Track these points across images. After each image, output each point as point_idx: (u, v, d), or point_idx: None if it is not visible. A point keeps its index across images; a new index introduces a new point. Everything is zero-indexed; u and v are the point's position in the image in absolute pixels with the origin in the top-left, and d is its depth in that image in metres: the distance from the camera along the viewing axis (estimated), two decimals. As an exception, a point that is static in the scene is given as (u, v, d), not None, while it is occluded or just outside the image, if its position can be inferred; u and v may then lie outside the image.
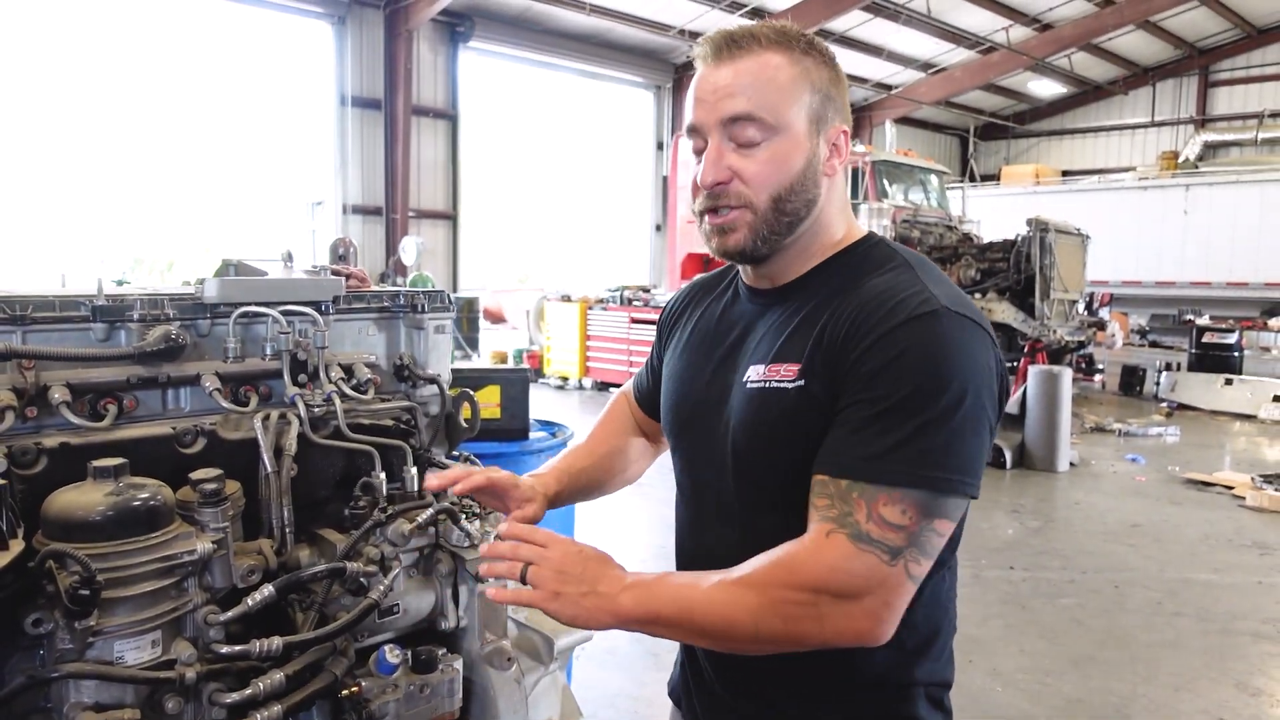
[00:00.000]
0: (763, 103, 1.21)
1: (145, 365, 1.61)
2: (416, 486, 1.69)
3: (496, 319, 17.23)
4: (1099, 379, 14.16)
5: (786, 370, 1.23)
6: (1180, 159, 22.59)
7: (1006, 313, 10.63)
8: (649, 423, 1.68)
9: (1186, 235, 18.09)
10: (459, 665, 1.68)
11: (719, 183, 1.23)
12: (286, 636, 1.44)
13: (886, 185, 12.22)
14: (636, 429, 1.70)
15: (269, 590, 1.44)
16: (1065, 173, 24.96)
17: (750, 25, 1.25)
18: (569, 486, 1.57)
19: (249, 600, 1.42)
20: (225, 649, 1.39)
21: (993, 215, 15.62)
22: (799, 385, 1.21)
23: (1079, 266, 11.84)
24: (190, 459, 1.59)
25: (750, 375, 1.28)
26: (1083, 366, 13.52)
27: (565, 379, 13.57)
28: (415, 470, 1.71)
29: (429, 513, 1.64)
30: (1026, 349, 10.71)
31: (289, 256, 2.13)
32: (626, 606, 1.13)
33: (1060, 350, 11.30)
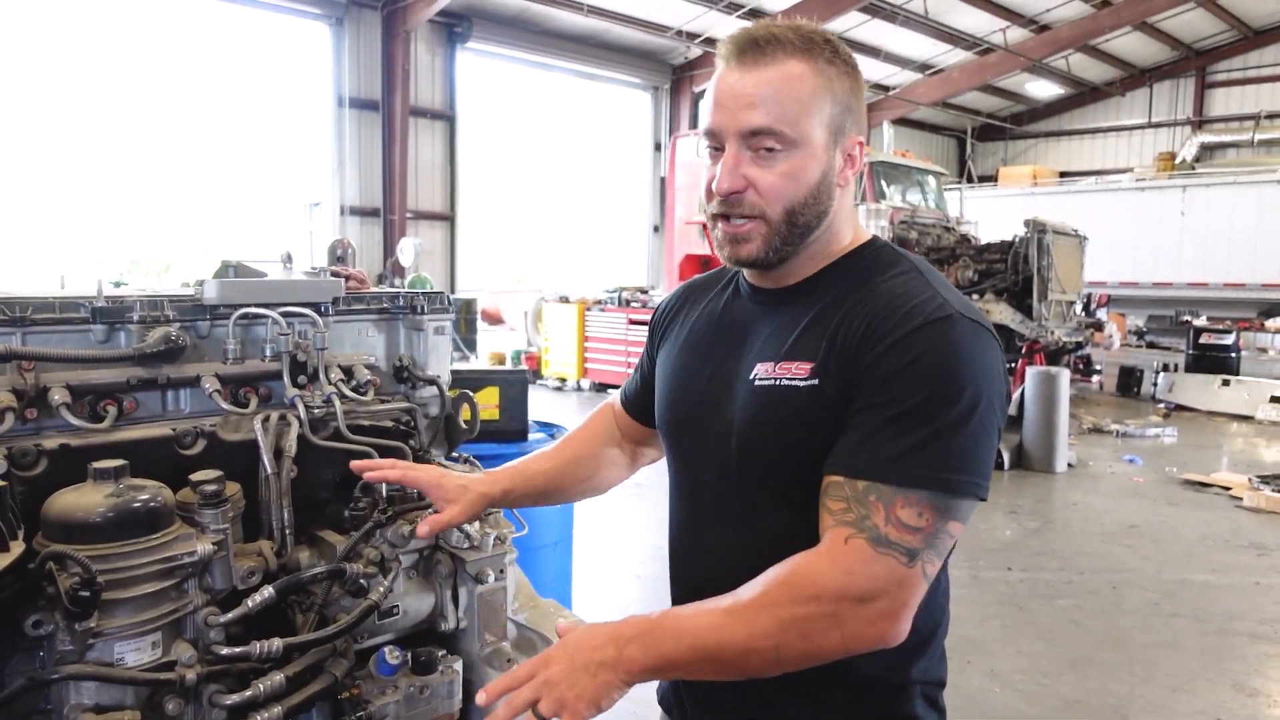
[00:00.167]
0: (783, 116, 1.19)
1: (145, 367, 1.62)
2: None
3: (494, 320, 17.25)
4: (1096, 380, 14.18)
5: (798, 369, 1.23)
6: (1177, 160, 22.61)
7: (1004, 314, 10.63)
8: (635, 430, 1.65)
9: (1183, 236, 18.09)
10: (459, 667, 1.69)
11: (734, 192, 1.22)
12: (287, 638, 1.44)
13: (884, 186, 12.22)
14: (615, 439, 1.68)
15: (269, 592, 1.44)
16: (1063, 174, 24.95)
17: (775, 27, 1.22)
18: (522, 487, 1.55)
19: (249, 602, 1.43)
20: (225, 650, 1.39)
21: (990, 216, 15.58)
22: (812, 384, 1.21)
23: (1076, 267, 11.85)
24: (190, 460, 1.59)
25: (758, 373, 1.27)
26: (1080, 367, 13.54)
27: (563, 380, 13.57)
28: None
29: (428, 514, 1.64)
30: (1024, 350, 10.72)
31: (288, 258, 2.12)
32: (636, 658, 1.09)
33: (1058, 351, 11.31)
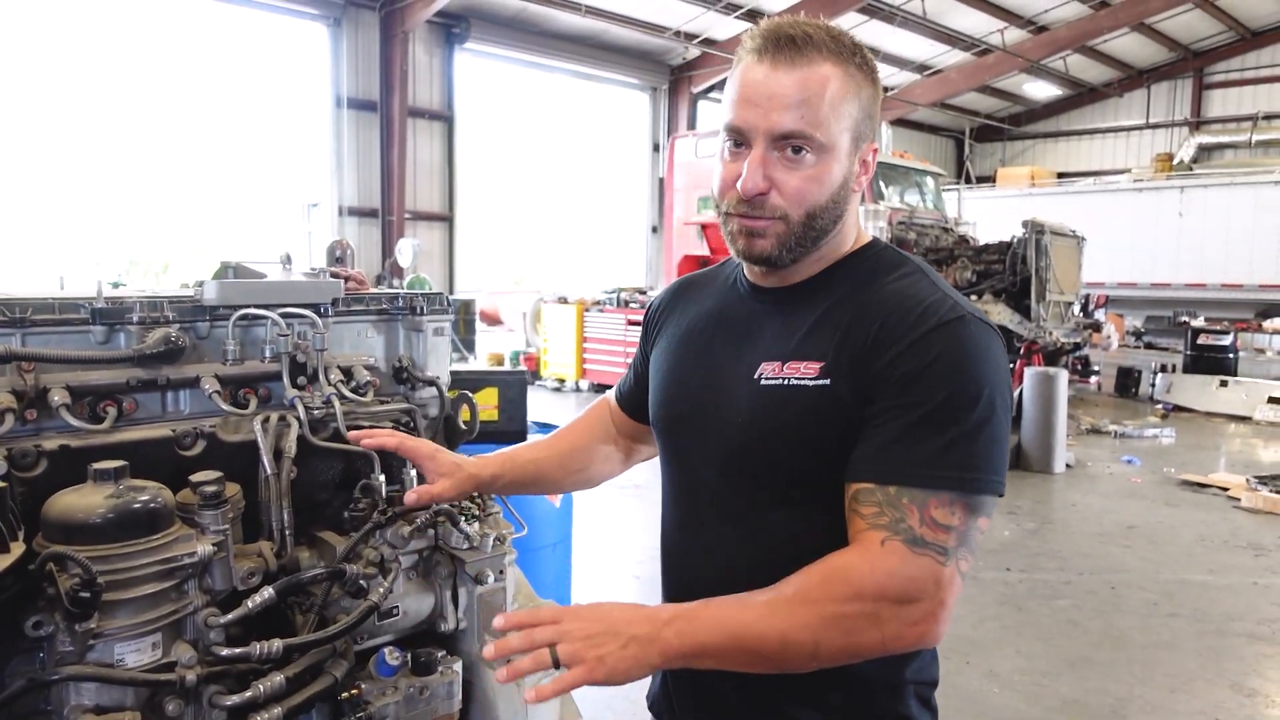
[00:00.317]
0: (814, 120, 1.19)
1: (145, 368, 1.61)
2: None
3: (493, 321, 17.25)
4: (1095, 380, 14.20)
5: (806, 368, 1.23)
6: (1175, 161, 22.65)
7: (1002, 314, 10.63)
8: (630, 426, 1.66)
9: (1181, 237, 18.12)
10: (458, 667, 1.69)
11: (760, 194, 1.22)
12: (286, 639, 1.44)
13: (882, 187, 12.22)
14: (609, 435, 1.68)
15: (269, 592, 1.44)
16: (1060, 175, 24.99)
17: (807, 25, 1.21)
18: (511, 473, 1.56)
19: (249, 602, 1.42)
20: (225, 651, 1.39)
21: (988, 217, 15.59)
22: (822, 384, 1.21)
23: (1074, 268, 11.86)
24: (190, 461, 1.59)
25: (764, 372, 1.27)
26: (1078, 368, 13.54)
27: (562, 381, 13.58)
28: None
29: (428, 515, 1.64)
30: (1022, 351, 10.73)
31: (287, 259, 2.12)
32: (672, 642, 1.08)
33: (1056, 352, 11.32)
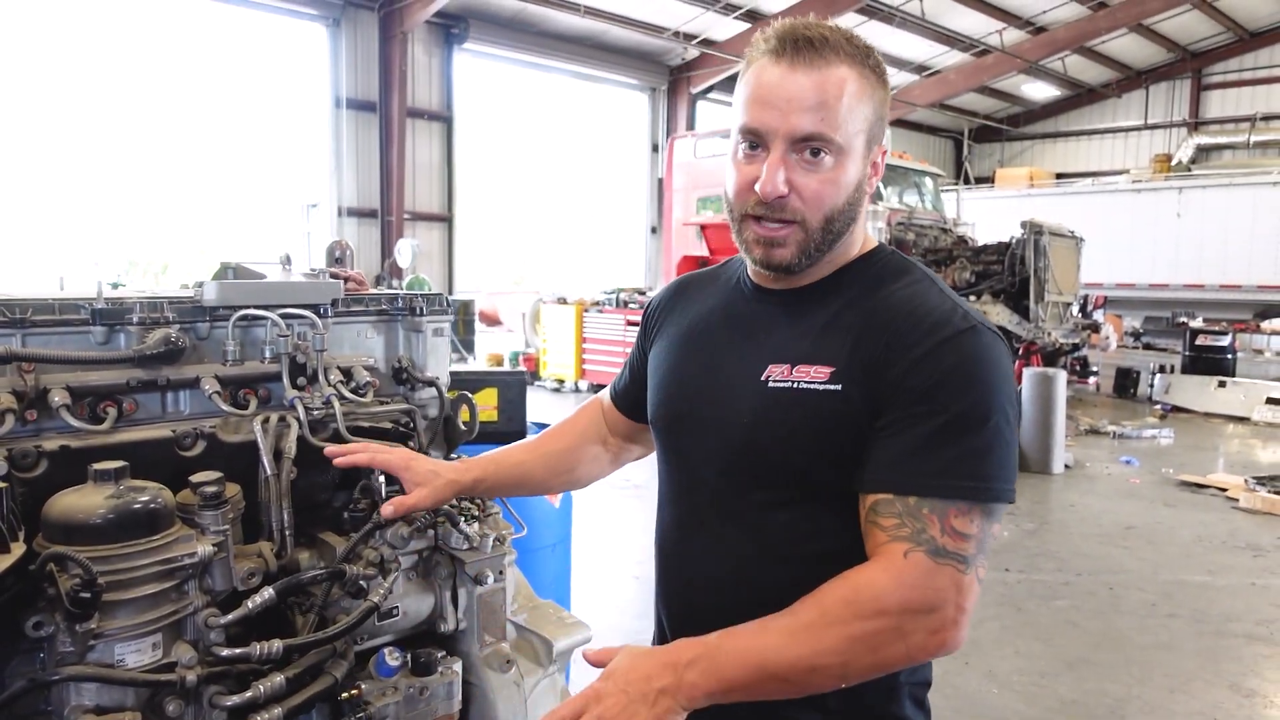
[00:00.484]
0: (833, 122, 1.19)
1: (145, 368, 1.61)
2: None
3: (492, 322, 17.22)
4: (1093, 381, 14.21)
5: (816, 372, 1.23)
6: (1173, 162, 22.67)
7: (1001, 315, 10.65)
8: (625, 426, 1.65)
9: (1180, 238, 18.13)
10: (458, 668, 1.69)
11: (780, 196, 1.21)
12: (287, 639, 1.44)
13: (881, 188, 12.24)
14: (600, 435, 1.68)
15: (269, 593, 1.44)
16: (1059, 175, 25.00)
17: (823, 28, 1.22)
18: (495, 476, 1.57)
19: (249, 603, 1.42)
20: (225, 651, 1.39)
21: (987, 218, 15.59)
22: (833, 389, 1.21)
23: (1073, 269, 11.88)
24: (190, 462, 1.59)
25: (772, 374, 1.26)
26: (1077, 369, 13.56)
27: (561, 381, 13.58)
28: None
29: (427, 516, 1.64)
30: (1021, 351, 10.74)
31: (287, 259, 2.12)
32: (699, 684, 1.08)
33: (1055, 353, 11.35)
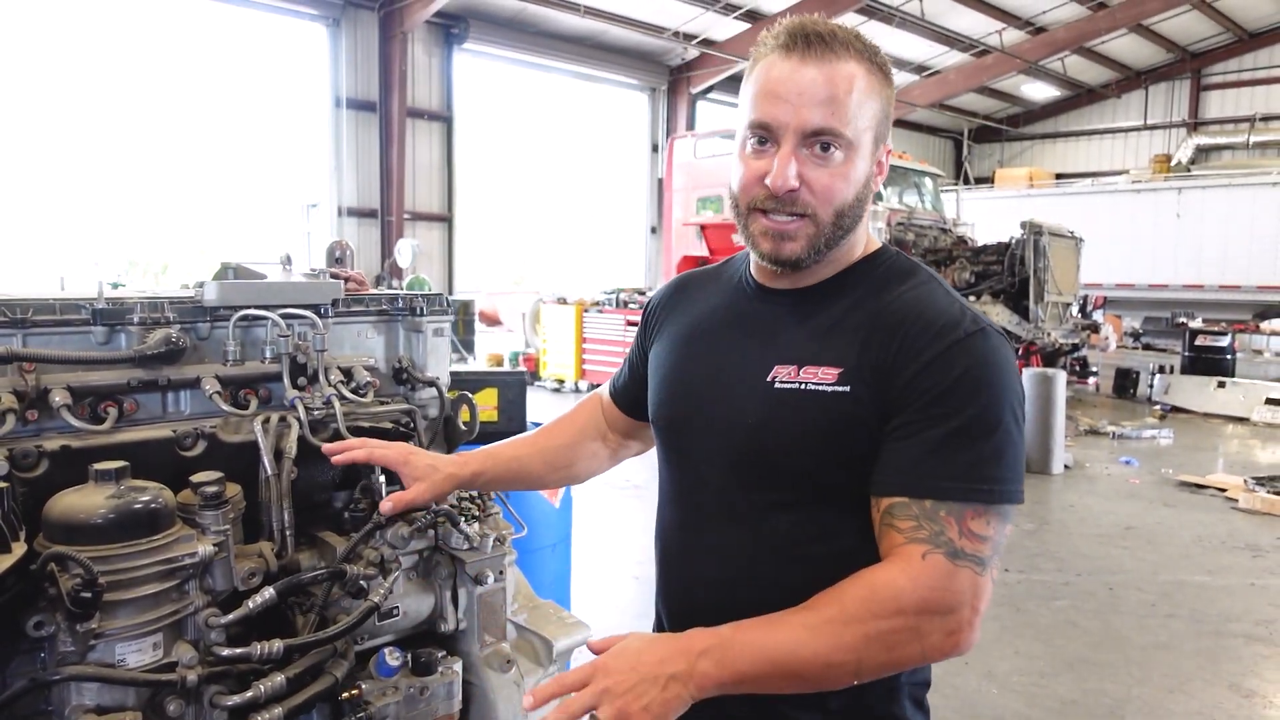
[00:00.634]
0: (843, 117, 1.19)
1: (145, 368, 1.62)
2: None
3: (492, 322, 17.23)
4: (1093, 382, 14.21)
5: (824, 374, 1.23)
6: (1173, 162, 22.67)
7: (1001, 316, 10.66)
8: (623, 422, 1.65)
9: (1179, 238, 18.12)
10: (458, 668, 1.69)
11: (791, 190, 1.21)
12: (287, 639, 1.45)
13: (881, 188, 12.23)
14: (598, 432, 1.68)
15: (270, 593, 1.45)
16: (1059, 176, 25.00)
17: (830, 25, 1.22)
18: (494, 470, 1.57)
19: (250, 603, 1.43)
20: (226, 651, 1.39)
21: (987, 218, 15.60)
22: (841, 390, 1.21)
23: (1073, 269, 11.89)
24: (190, 462, 1.59)
25: (778, 375, 1.26)
26: (1077, 369, 13.56)
27: (561, 381, 13.58)
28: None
29: (428, 515, 1.64)
30: (1021, 352, 10.74)
31: (288, 259, 2.13)
32: (710, 673, 1.08)
33: (1054, 353, 11.35)
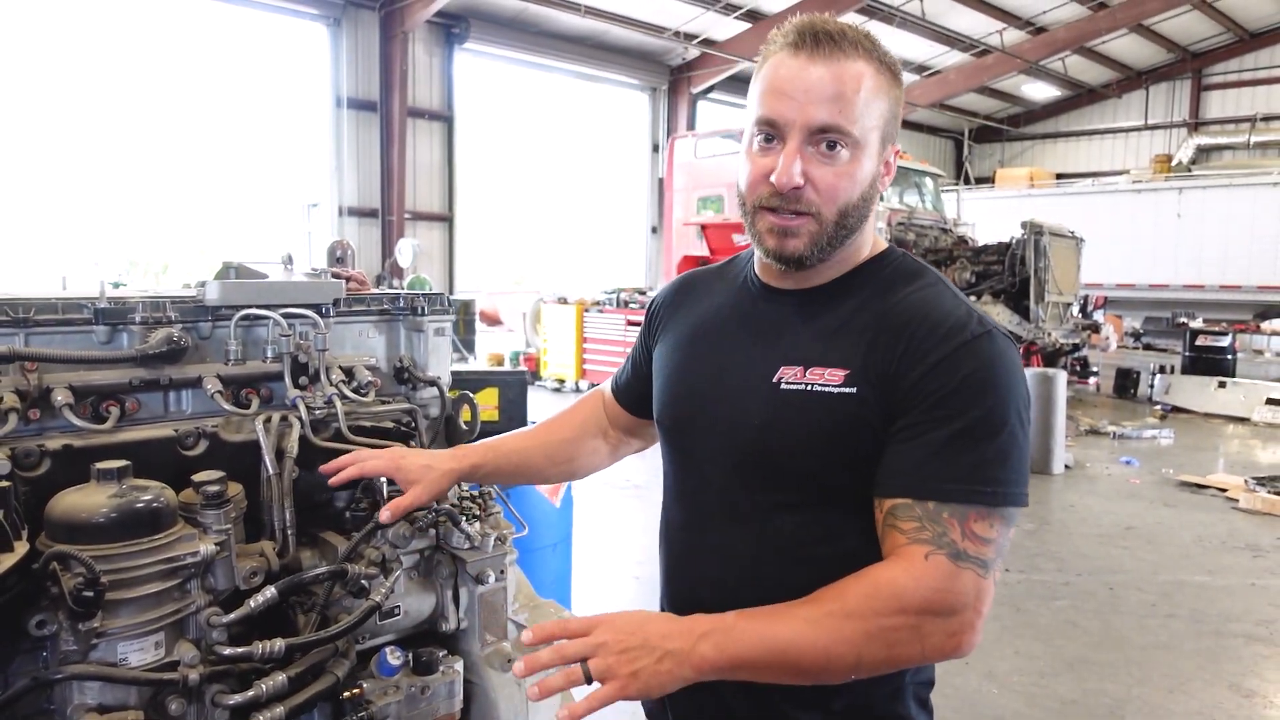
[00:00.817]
0: (850, 115, 1.19)
1: (147, 368, 1.62)
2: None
3: (493, 321, 17.25)
4: (1093, 382, 14.22)
5: (830, 375, 1.23)
6: (1173, 162, 22.67)
7: (1001, 316, 10.67)
8: (625, 420, 1.65)
9: (1180, 238, 18.12)
10: (459, 667, 1.69)
11: (796, 187, 1.21)
12: (289, 638, 1.44)
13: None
14: (600, 428, 1.68)
15: (271, 592, 1.45)
16: (1059, 176, 25.00)
17: (840, 23, 1.22)
18: (493, 462, 1.57)
19: (251, 602, 1.43)
20: (228, 650, 1.39)
21: (987, 218, 15.61)
22: (847, 392, 1.21)
23: (1073, 269, 11.89)
24: (192, 461, 1.59)
25: (784, 376, 1.26)
26: (1077, 369, 13.57)
27: (562, 381, 13.59)
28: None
29: (429, 515, 1.64)
30: (1021, 352, 10.73)
31: (289, 259, 2.13)
32: (708, 656, 1.07)
33: (1055, 353, 11.36)
